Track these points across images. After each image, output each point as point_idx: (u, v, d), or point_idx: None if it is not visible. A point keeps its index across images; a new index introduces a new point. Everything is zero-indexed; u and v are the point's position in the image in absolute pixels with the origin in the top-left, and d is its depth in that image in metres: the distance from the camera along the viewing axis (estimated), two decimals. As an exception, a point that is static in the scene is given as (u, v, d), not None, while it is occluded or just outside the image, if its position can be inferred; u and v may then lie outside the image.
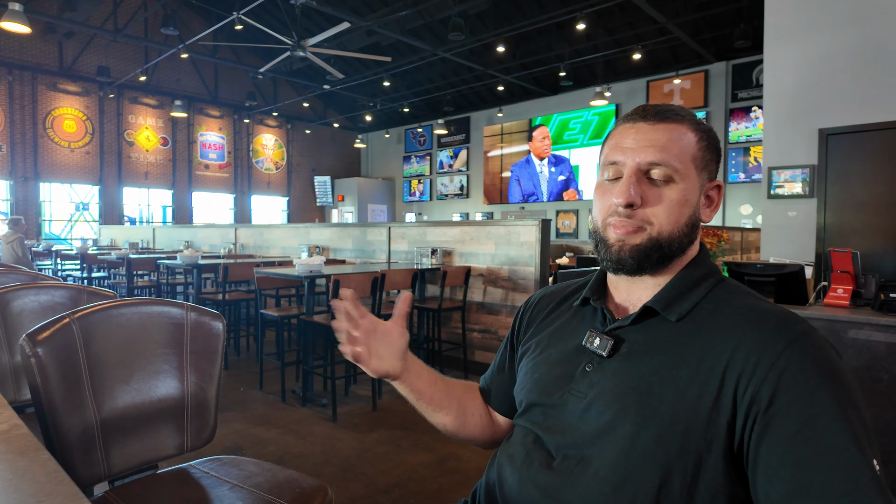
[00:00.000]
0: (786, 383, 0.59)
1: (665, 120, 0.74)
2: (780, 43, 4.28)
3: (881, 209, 3.84)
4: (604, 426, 0.68)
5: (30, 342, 1.07)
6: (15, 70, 11.48)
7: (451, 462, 2.66)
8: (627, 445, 0.66)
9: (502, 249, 4.20)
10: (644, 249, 0.73)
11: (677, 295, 0.72)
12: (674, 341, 0.69)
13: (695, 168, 0.73)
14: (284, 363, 3.65)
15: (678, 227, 0.73)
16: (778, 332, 0.63)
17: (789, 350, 0.61)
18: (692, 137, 0.74)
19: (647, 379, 0.68)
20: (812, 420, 0.57)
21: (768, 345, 0.62)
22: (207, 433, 1.35)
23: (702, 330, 0.68)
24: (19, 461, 0.69)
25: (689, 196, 0.73)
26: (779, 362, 0.60)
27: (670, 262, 0.74)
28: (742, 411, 0.61)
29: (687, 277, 0.74)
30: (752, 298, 0.71)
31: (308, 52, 8.08)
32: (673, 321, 0.71)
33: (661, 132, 0.73)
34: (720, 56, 10.56)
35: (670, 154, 0.72)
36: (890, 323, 2.01)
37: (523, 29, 10.05)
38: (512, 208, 14.33)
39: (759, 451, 0.59)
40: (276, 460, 2.64)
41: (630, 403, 0.67)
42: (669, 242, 0.72)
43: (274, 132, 16.37)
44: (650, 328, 0.72)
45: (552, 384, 0.77)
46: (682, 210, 0.73)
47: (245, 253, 6.78)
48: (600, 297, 0.81)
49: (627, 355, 0.72)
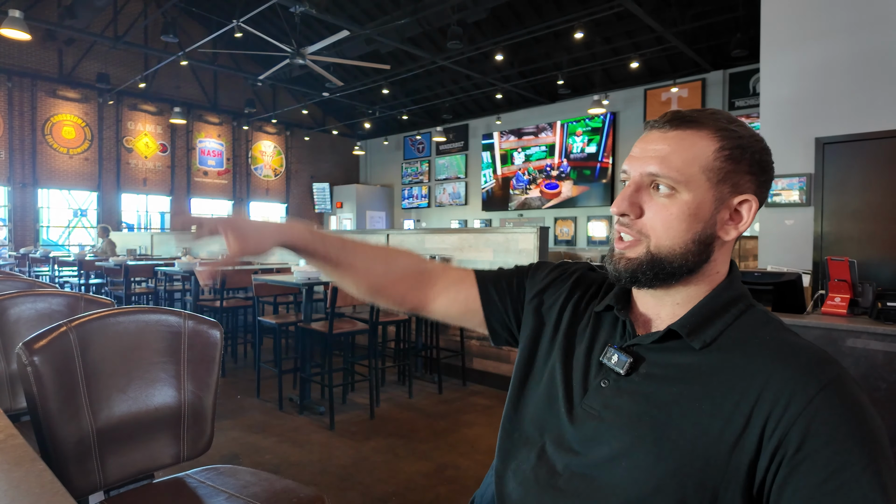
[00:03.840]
0: (816, 429, 0.57)
1: (680, 127, 0.70)
2: (777, 52, 4.32)
3: (878, 218, 3.85)
4: (617, 451, 0.66)
5: (26, 351, 1.06)
6: (14, 77, 11.50)
7: (448, 471, 2.65)
8: (642, 476, 0.63)
9: (501, 257, 4.20)
10: (639, 263, 0.70)
11: (703, 320, 0.69)
12: (697, 371, 0.66)
13: (707, 180, 0.68)
14: (282, 371, 3.63)
15: (680, 243, 0.69)
16: (811, 374, 0.60)
17: (822, 395, 0.58)
18: (709, 146, 0.68)
19: (666, 409, 0.65)
20: (841, 470, 0.55)
21: (800, 387, 0.59)
22: (204, 442, 1.34)
23: (727, 361, 0.65)
24: (14, 471, 0.69)
25: (697, 210, 0.68)
26: (810, 407, 0.58)
27: (675, 279, 0.70)
28: (767, 453, 0.59)
29: (715, 301, 0.70)
30: (783, 331, 0.67)
31: (307, 59, 8.11)
32: (697, 349, 0.67)
33: (670, 141, 0.69)
34: (717, 65, 10.62)
35: (671, 165, 0.68)
36: (887, 332, 2.02)
37: (521, 38, 10.11)
38: (510, 215, 14.35)
39: (781, 495, 0.57)
40: (273, 469, 2.62)
41: (646, 432, 0.65)
42: (670, 258, 0.69)
43: (273, 139, 16.39)
44: (672, 352, 0.69)
45: (565, 395, 0.74)
46: (685, 225, 0.68)
47: (243, 260, 6.76)
48: (624, 305, 0.77)
49: (646, 377, 0.69)
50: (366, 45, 10.23)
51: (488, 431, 3.23)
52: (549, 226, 11.00)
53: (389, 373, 4.44)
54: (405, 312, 0.95)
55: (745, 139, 0.69)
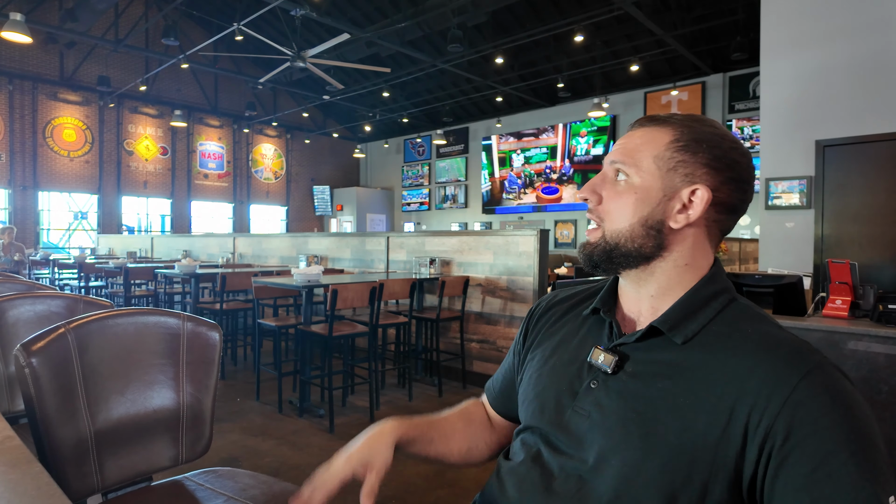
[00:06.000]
0: (801, 418, 0.58)
1: (648, 125, 0.75)
2: (777, 55, 4.32)
3: (878, 220, 3.85)
4: (607, 451, 0.67)
5: (24, 352, 1.06)
6: (16, 80, 11.53)
7: (448, 474, 2.64)
8: (631, 473, 0.65)
9: (501, 259, 4.20)
10: (595, 246, 0.75)
11: (684, 315, 0.70)
12: (680, 366, 0.67)
13: (657, 168, 0.71)
14: (281, 373, 3.63)
15: (627, 226, 0.72)
16: (792, 364, 0.61)
17: (804, 383, 0.59)
18: (664, 138, 0.72)
19: (652, 404, 0.66)
20: (829, 457, 0.56)
21: (782, 377, 0.60)
22: (203, 445, 1.33)
23: (710, 355, 0.66)
24: (11, 473, 0.69)
25: (645, 195, 0.71)
26: (793, 396, 0.59)
27: (632, 264, 0.72)
28: (755, 445, 0.60)
29: (695, 296, 0.71)
30: (765, 323, 0.68)
31: (308, 62, 8.12)
32: (679, 344, 0.68)
33: (637, 136, 0.74)
34: (717, 68, 10.65)
35: (627, 154, 0.73)
36: (889, 334, 2.01)
37: (522, 41, 10.13)
38: (510, 218, 14.35)
39: (774, 487, 0.59)
40: (273, 472, 2.61)
41: (634, 430, 0.66)
42: (621, 241, 0.72)
43: (273, 142, 16.41)
44: (656, 348, 0.70)
45: (556, 399, 0.76)
46: (632, 208, 0.72)
47: (243, 262, 6.77)
48: (610, 307, 0.79)
49: (633, 375, 0.70)
50: (366, 48, 10.25)
51: (488, 434, 3.22)
52: (549, 228, 11.00)
53: (389, 375, 4.43)
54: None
55: (705, 134, 0.71)
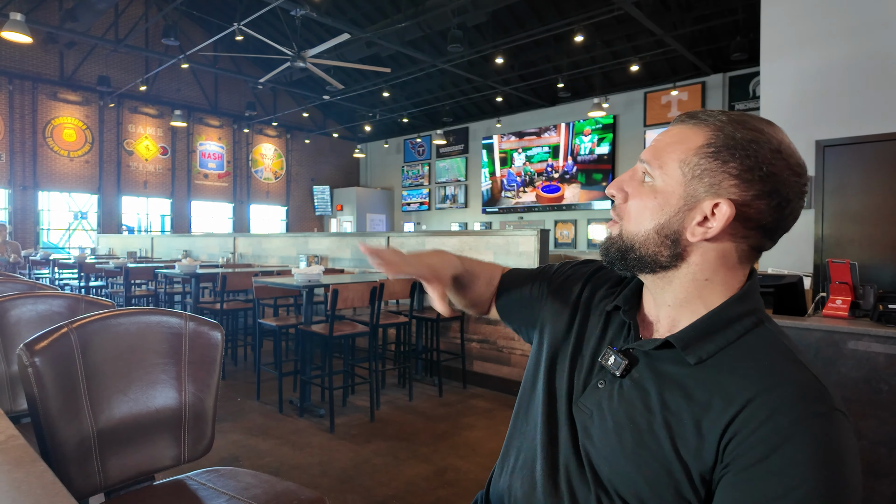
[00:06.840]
0: (781, 453, 0.55)
1: (685, 122, 0.68)
2: (777, 55, 4.32)
3: (878, 220, 3.85)
4: (604, 455, 0.68)
5: (27, 352, 1.06)
6: (15, 80, 11.52)
7: (449, 474, 2.64)
8: (622, 484, 0.65)
9: (501, 259, 4.20)
10: (611, 243, 0.72)
11: (702, 335, 0.66)
12: (684, 384, 0.65)
13: (682, 174, 0.65)
14: (282, 373, 3.63)
15: (642, 231, 0.68)
16: (793, 405, 0.57)
17: (797, 430, 0.55)
18: (696, 140, 0.65)
19: (649, 417, 0.65)
20: (789, 492, 0.53)
21: (779, 413, 0.57)
22: (205, 444, 1.33)
23: (716, 380, 0.63)
24: (15, 472, 0.69)
25: (664, 201, 0.67)
26: (782, 432, 0.56)
27: (645, 269, 0.70)
28: (721, 465, 0.59)
29: (718, 316, 0.66)
30: (781, 355, 0.63)
31: (308, 62, 8.12)
32: (691, 364, 0.65)
33: (671, 135, 0.69)
34: (717, 68, 10.64)
35: (655, 154, 0.68)
36: (889, 334, 2.01)
37: (522, 41, 10.13)
38: (510, 217, 14.35)
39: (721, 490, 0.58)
40: (273, 472, 2.62)
41: (628, 438, 0.66)
42: (635, 244, 0.69)
43: (273, 142, 16.41)
44: (667, 360, 0.68)
45: (566, 393, 0.76)
46: (649, 213, 0.68)
47: (243, 262, 6.77)
48: (631, 307, 0.77)
49: (636, 383, 0.69)
50: (366, 48, 10.25)
51: (489, 434, 3.23)
52: (549, 228, 11.01)
53: (389, 375, 4.43)
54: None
55: (742, 140, 0.63)
